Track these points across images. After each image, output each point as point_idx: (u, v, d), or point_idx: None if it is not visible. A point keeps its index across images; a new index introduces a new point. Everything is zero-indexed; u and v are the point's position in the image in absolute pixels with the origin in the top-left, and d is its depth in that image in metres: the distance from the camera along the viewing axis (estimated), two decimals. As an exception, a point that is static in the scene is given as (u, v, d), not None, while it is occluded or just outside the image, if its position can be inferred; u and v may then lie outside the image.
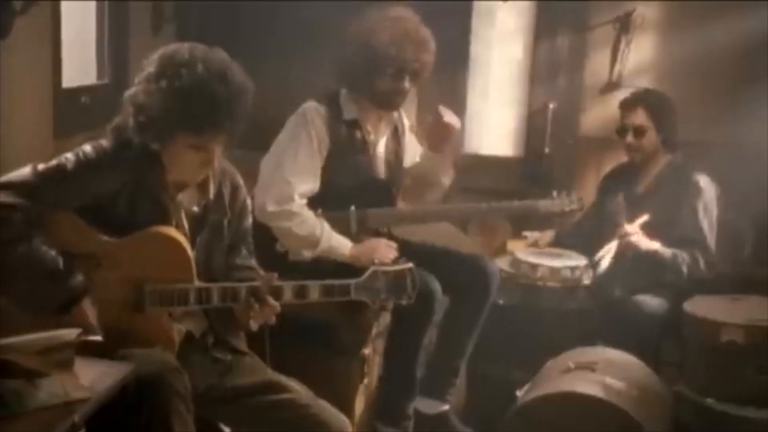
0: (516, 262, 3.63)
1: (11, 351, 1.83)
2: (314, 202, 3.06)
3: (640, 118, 3.50)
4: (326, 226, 3.04)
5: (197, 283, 2.28)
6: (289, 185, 2.99)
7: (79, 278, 2.17)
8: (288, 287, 2.32)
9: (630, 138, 3.52)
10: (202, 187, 2.37)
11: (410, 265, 2.43)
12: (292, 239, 3.02)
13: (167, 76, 2.18)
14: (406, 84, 3.08)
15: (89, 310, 2.15)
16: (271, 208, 2.97)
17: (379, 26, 3.04)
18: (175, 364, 2.16)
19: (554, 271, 3.52)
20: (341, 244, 3.05)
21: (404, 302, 2.41)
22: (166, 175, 2.27)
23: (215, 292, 2.27)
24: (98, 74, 3.97)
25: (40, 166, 2.20)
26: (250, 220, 2.54)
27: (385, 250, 3.04)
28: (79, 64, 3.79)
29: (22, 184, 2.16)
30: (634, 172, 3.60)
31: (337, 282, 2.37)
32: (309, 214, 3.02)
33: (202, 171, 2.30)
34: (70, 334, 1.91)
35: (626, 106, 3.58)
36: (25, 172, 2.19)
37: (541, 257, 3.61)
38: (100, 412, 1.86)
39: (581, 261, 3.55)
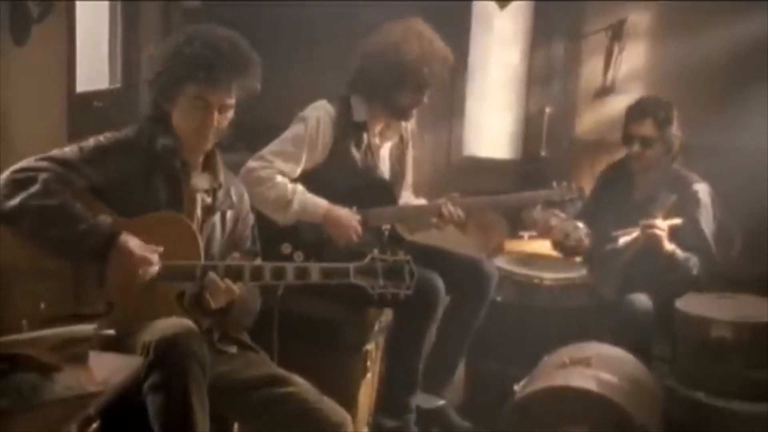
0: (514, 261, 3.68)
1: (28, 345, 1.86)
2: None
3: (648, 129, 3.39)
4: (300, 188, 3.04)
5: (204, 261, 2.34)
6: (268, 163, 3.03)
7: (108, 221, 2.28)
8: (290, 268, 2.34)
9: (636, 148, 3.42)
10: (212, 170, 2.48)
11: (408, 257, 2.39)
12: (265, 203, 2.98)
13: (178, 32, 2.43)
14: (426, 97, 3.16)
15: (132, 241, 2.25)
16: (250, 164, 3.02)
17: (406, 44, 3.07)
18: (193, 327, 2.18)
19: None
20: (316, 204, 3.05)
21: (402, 293, 2.35)
22: (180, 148, 2.40)
23: (221, 270, 2.31)
24: (110, 79, 4.04)
25: (67, 147, 2.37)
26: (249, 231, 2.59)
27: (353, 226, 3.06)
28: (92, 70, 3.85)
29: (54, 156, 2.32)
30: (630, 176, 3.54)
31: (336, 264, 2.38)
32: (281, 179, 3.03)
33: (204, 130, 2.38)
34: (87, 329, 1.94)
35: (634, 115, 3.45)
36: (56, 150, 2.36)
37: (534, 268, 3.65)
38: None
39: (579, 273, 3.58)
